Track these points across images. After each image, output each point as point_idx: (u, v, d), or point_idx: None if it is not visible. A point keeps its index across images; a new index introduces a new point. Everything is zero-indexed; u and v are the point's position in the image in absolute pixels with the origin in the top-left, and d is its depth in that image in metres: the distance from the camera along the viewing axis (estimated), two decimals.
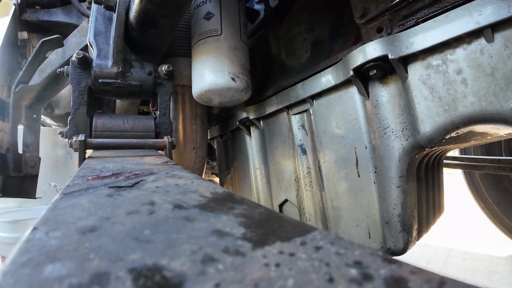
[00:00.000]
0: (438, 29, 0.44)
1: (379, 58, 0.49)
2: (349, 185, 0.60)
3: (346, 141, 0.59)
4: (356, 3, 0.56)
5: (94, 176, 0.32)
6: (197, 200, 0.23)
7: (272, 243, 0.15)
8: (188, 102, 0.94)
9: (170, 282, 0.12)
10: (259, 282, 0.12)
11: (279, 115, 0.77)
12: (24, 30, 1.36)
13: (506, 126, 0.41)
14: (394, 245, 0.54)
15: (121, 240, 0.15)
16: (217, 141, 1.13)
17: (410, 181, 0.54)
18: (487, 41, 0.41)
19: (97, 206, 0.21)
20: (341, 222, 0.62)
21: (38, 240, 0.15)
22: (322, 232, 0.16)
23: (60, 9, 1.39)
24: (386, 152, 0.53)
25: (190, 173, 0.36)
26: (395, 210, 0.53)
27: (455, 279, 0.12)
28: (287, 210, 0.79)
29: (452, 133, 0.46)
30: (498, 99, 0.40)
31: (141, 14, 0.64)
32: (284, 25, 0.77)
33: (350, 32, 0.62)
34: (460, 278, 0.12)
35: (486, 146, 1.54)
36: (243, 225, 0.18)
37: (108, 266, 0.13)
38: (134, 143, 0.60)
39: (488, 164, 1.13)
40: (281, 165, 0.78)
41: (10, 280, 0.12)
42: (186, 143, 0.92)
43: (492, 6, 0.39)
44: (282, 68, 0.78)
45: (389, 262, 0.13)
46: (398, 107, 0.52)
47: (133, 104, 1.27)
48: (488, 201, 1.53)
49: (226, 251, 0.14)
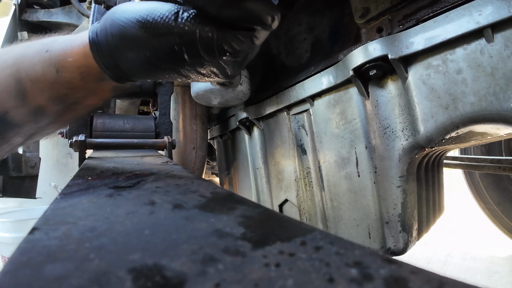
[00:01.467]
0: (438, 29, 0.44)
1: (379, 58, 0.49)
2: (349, 185, 0.60)
3: (346, 141, 0.59)
4: (356, 3, 0.56)
5: (94, 176, 0.32)
6: (197, 200, 0.23)
7: (272, 243, 0.15)
8: (188, 102, 0.94)
9: (170, 282, 0.12)
10: (259, 282, 0.12)
11: (279, 115, 0.77)
12: (24, 30, 1.36)
13: (506, 126, 0.41)
14: (394, 245, 0.54)
15: (121, 240, 0.15)
16: (217, 141, 1.13)
17: (410, 181, 0.54)
18: (487, 41, 0.41)
19: (97, 206, 0.21)
20: (341, 222, 0.62)
21: (38, 240, 0.15)
22: (322, 232, 0.16)
23: (60, 9, 1.39)
24: (386, 152, 0.53)
25: (190, 173, 0.36)
26: (395, 210, 0.53)
27: (455, 279, 0.12)
28: (287, 210, 0.79)
29: (452, 133, 0.46)
30: (498, 99, 0.40)
31: None
32: (284, 25, 0.77)
33: (350, 32, 0.62)
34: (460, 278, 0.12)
35: (486, 146, 1.54)
36: (243, 225, 0.18)
37: (108, 266, 0.13)
38: (134, 143, 0.60)
39: (488, 164, 1.13)
40: (281, 165, 0.78)
41: (10, 280, 0.12)
42: (186, 143, 0.93)
43: (492, 6, 0.39)
44: (282, 68, 0.78)
45: (389, 262, 0.13)
46: (398, 107, 0.52)
47: (133, 104, 1.27)
48: (488, 201, 1.53)
49: (226, 251, 0.14)
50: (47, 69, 0.34)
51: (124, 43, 0.31)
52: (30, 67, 0.34)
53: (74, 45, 0.34)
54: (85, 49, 0.33)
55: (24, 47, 0.36)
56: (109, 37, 0.32)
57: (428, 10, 0.48)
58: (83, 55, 0.34)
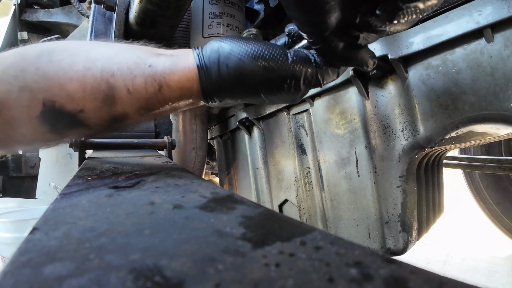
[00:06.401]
0: (438, 29, 0.44)
1: (379, 58, 0.49)
2: (349, 185, 0.60)
3: (346, 141, 0.60)
4: None
5: (94, 176, 0.32)
6: (197, 200, 0.23)
7: (272, 243, 0.15)
8: None
9: (170, 282, 0.12)
10: (259, 282, 0.12)
11: (279, 115, 0.77)
12: (24, 30, 1.36)
13: (506, 126, 0.41)
14: (394, 245, 0.54)
15: (121, 240, 0.15)
16: (217, 141, 1.13)
17: (410, 181, 0.54)
18: (487, 41, 0.41)
19: (97, 206, 0.21)
20: (341, 222, 0.62)
21: (38, 240, 0.15)
22: (322, 232, 0.16)
23: (60, 9, 1.39)
24: (386, 152, 0.53)
25: (190, 173, 0.36)
26: (395, 210, 0.53)
27: (455, 279, 0.12)
28: (287, 210, 0.79)
29: (452, 133, 0.46)
30: (498, 99, 0.40)
31: (141, 14, 0.64)
32: (284, 25, 0.77)
33: None
34: (460, 278, 0.12)
35: (486, 146, 1.54)
36: (243, 225, 0.18)
37: (108, 266, 0.13)
38: (134, 143, 0.60)
39: (488, 164, 1.13)
40: (281, 165, 0.78)
41: (10, 280, 0.12)
42: (186, 143, 0.92)
43: (492, 6, 0.39)
44: None
45: (389, 262, 0.13)
46: (398, 107, 0.52)
47: None
48: (488, 201, 1.53)
49: (226, 251, 0.14)
50: (150, 84, 0.35)
51: (241, 75, 0.35)
52: (130, 78, 0.35)
53: (179, 66, 0.36)
54: (191, 74, 0.36)
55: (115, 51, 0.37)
56: (223, 68, 0.35)
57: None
58: (188, 79, 0.36)
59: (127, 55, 0.37)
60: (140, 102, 0.36)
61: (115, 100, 0.35)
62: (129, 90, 0.35)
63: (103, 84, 0.34)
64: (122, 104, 0.35)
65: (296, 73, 0.35)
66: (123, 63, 0.35)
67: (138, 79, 0.35)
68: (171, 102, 0.37)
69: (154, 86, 0.35)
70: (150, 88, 0.35)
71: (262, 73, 0.35)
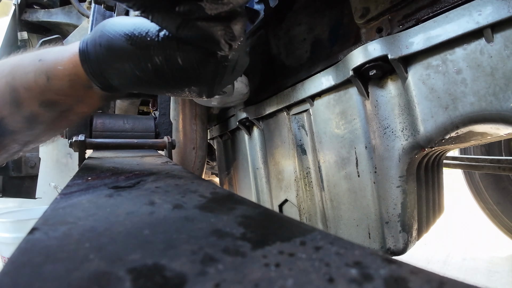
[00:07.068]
0: (438, 29, 0.44)
1: (379, 58, 0.49)
2: (349, 185, 0.60)
3: (346, 141, 0.59)
4: (356, 3, 0.56)
5: (94, 176, 0.32)
6: (197, 200, 0.23)
7: (272, 243, 0.15)
8: (188, 102, 0.94)
9: (170, 282, 0.12)
10: (259, 282, 0.12)
11: (279, 115, 0.77)
12: (24, 30, 1.36)
13: (506, 126, 0.41)
14: (394, 245, 0.54)
15: (121, 240, 0.15)
16: (217, 141, 1.13)
17: (410, 181, 0.54)
18: (487, 41, 0.41)
19: (97, 206, 0.21)
20: (341, 222, 0.62)
21: (38, 240, 0.15)
22: (322, 232, 0.16)
23: (60, 9, 1.39)
24: (386, 152, 0.53)
25: (190, 173, 0.36)
26: (395, 210, 0.53)
27: (455, 279, 0.12)
28: (287, 210, 0.79)
29: (452, 133, 0.46)
30: (498, 99, 0.40)
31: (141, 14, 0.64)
32: (284, 25, 0.77)
33: (350, 32, 0.62)
34: (460, 278, 0.12)
35: (486, 146, 1.54)
36: (243, 225, 0.18)
37: (108, 266, 0.13)
38: (134, 143, 0.60)
39: (488, 164, 1.13)
40: (281, 165, 0.78)
41: (10, 280, 0.12)
42: (186, 143, 0.92)
43: (492, 6, 0.39)
44: (282, 68, 0.78)
45: (389, 262, 0.13)
46: (398, 107, 0.52)
47: (133, 104, 1.27)
48: (488, 201, 1.53)
49: (226, 251, 0.14)
50: (39, 77, 0.36)
51: (111, 54, 0.34)
52: (24, 75, 0.36)
53: (65, 54, 0.37)
54: (75, 58, 0.36)
55: (20, 57, 0.39)
56: (97, 48, 0.34)
57: (428, 10, 0.48)
58: (73, 64, 0.36)
59: (28, 56, 0.38)
60: (37, 97, 0.37)
61: (19, 101, 0.36)
62: (25, 87, 0.36)
63: (8, 88, 0.36)
64: (25, 102, 0.37)
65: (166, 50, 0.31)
66: (22, 65, 0.37)
67: (30, 75, 0.36)
68: (66, 92, 0.37)
69: (42, 78, 0.36)
70: (39, 81, 0.36)
71: (130, 51, 0.32)
